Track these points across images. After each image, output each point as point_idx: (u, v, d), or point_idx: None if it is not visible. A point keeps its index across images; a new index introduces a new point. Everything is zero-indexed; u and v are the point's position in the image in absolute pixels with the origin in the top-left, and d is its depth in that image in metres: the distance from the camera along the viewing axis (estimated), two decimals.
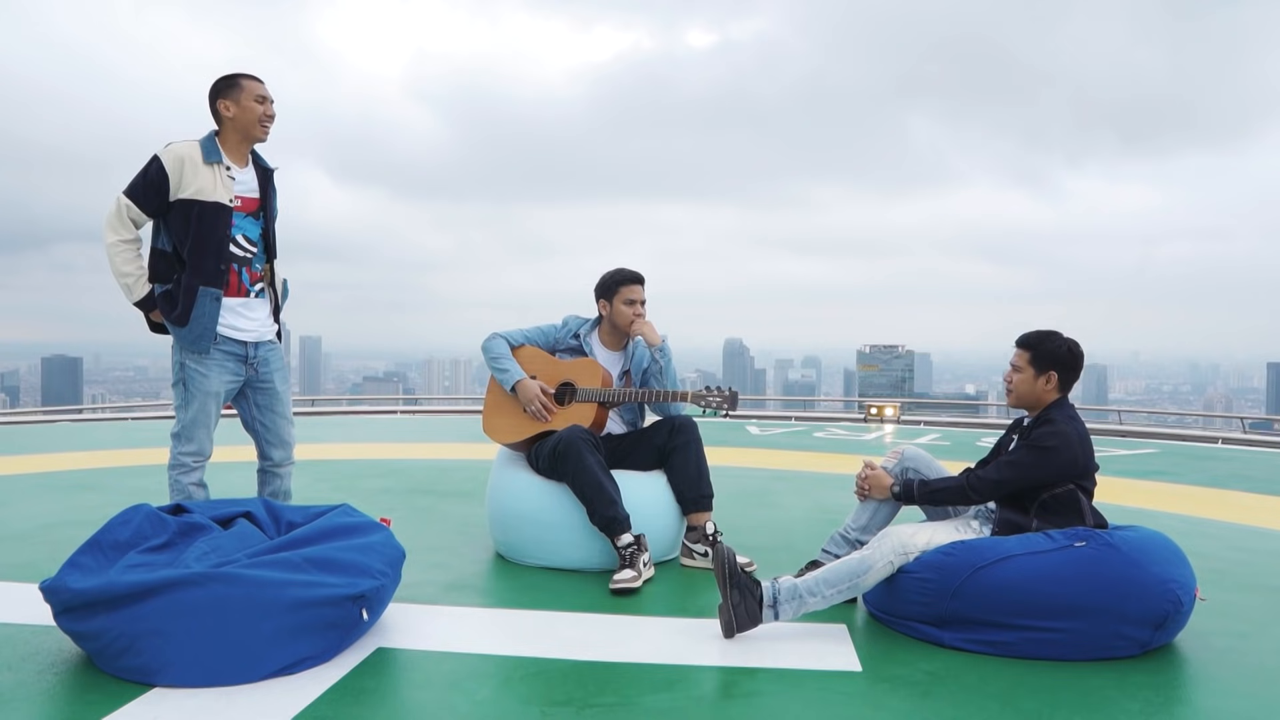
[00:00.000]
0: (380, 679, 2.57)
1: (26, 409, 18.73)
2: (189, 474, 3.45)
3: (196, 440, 3.44)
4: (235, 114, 3.41)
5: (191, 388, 3.41)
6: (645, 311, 4.07)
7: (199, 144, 3.39)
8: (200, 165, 3.34)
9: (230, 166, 3.44)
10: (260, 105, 3.43)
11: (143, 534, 2.78)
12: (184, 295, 3.35)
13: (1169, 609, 2.81)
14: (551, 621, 3.15)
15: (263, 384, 3.57)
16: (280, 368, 3.63)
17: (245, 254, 3.48)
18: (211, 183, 3.36)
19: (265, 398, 3.58)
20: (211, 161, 3.37)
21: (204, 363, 3.40)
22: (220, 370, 3.43)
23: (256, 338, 3.52)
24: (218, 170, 3.38)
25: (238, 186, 3.44)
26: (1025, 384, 3.20)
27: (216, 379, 3.43)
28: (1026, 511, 3.09)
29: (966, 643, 2.88)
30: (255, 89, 3.44)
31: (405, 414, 14.61)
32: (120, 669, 2.48)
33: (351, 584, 2.67)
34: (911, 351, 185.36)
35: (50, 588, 2.54)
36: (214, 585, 2.48)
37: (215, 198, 3.36)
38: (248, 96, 3.42)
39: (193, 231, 3.34)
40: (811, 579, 2.99)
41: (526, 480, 3.91)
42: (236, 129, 3.44)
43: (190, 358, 3.39)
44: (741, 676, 2.67)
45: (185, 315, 3.36)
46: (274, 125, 3.50)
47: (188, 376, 3.41)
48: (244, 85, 3.43)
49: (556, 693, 2.51)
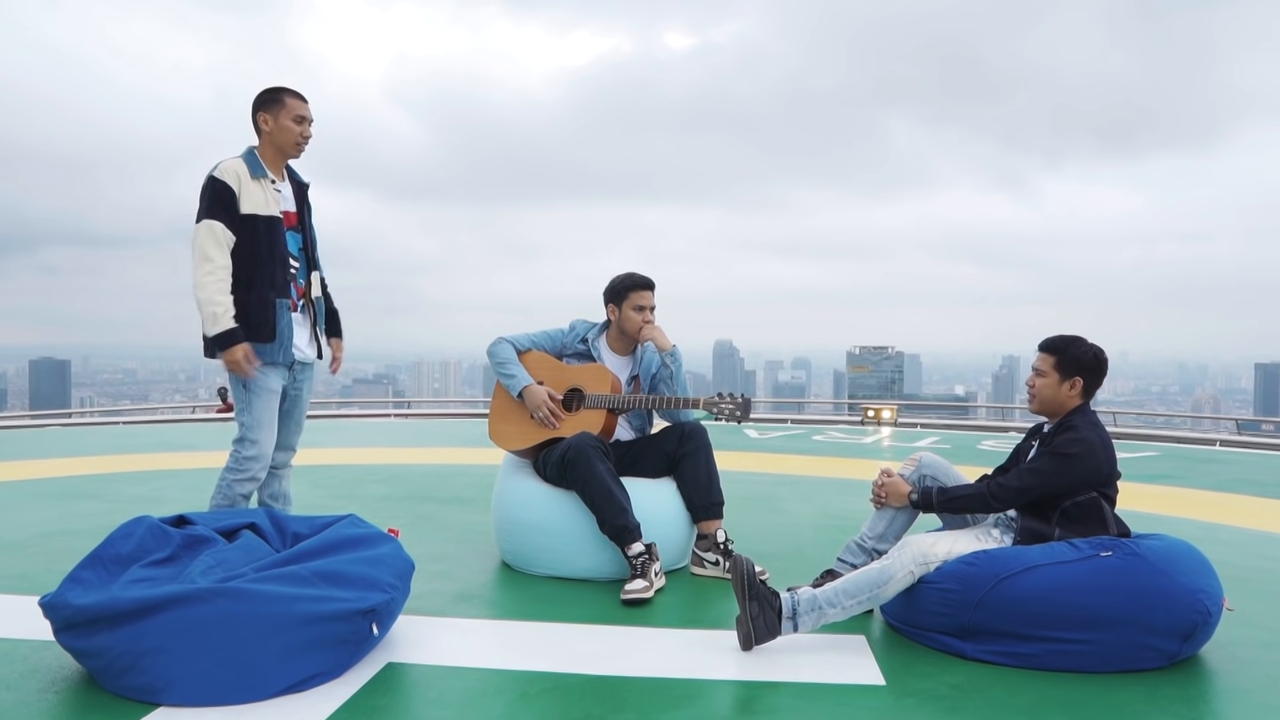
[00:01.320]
0: (393, 697, 2.50)
1: (14, 412, 18.55)
2: (247, 483, 3.42)
3: (261, 442, 3.42)
4: (273, 130, 3.42)
5: (253, 387, 3.39)
6: (654, 318, 4.00)
7: (243, 160, 3.39)
8: (250, 181, 3.35)
9: (274, 180, 3.45)
10: (298, 126, 3.44)
11: (145, 547, 2.70)
12: (261, 309, 3.35)
13: (1198, 620, 2.76)
14: (563, 634, 3.08)
15: (294, 392, 3.60)
16: (310, 380, 3.66)
17: (293, 269, 3.51)
18: (263, 197, 3.37)
19: (289, 404, 3.60)
20: (258, 177, 3.38)
21: (264, 365, 3.41)
22: (274, 370, 3.45)
23: (303, 358, 3.55)
24: (265, 185, 3.40)
25: (282, 201, 3.47)
26: (1049, 389, 3.14)
27: (275, 376, 3.45)
28: (1049, 520, 3.03)
29: (990, 655, 2.81)
30: (296, 108, 3.44)
31: (398, 417, 14.52)
32: (123, 688, 2.40)
33: (361, 598, 2.59)
34: (901, 353, 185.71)
35: (50, 604, 2.46)
36: (220, 601, 2.40)
37: (270, 211, 3.38)
38: (287, 115, 3.42)
39: (262, 246, 3.35)
40: (831, 590, 2.92)
41: (534, 488, 3.83)
42: (273, 144, 3.44)
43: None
44: (762, 691, 2.60)
45: (271, 330, 3.36)
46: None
47: (248, 379, 3.39)
48: (286, 103, 3.43)
49: (573, 710, 2.44)
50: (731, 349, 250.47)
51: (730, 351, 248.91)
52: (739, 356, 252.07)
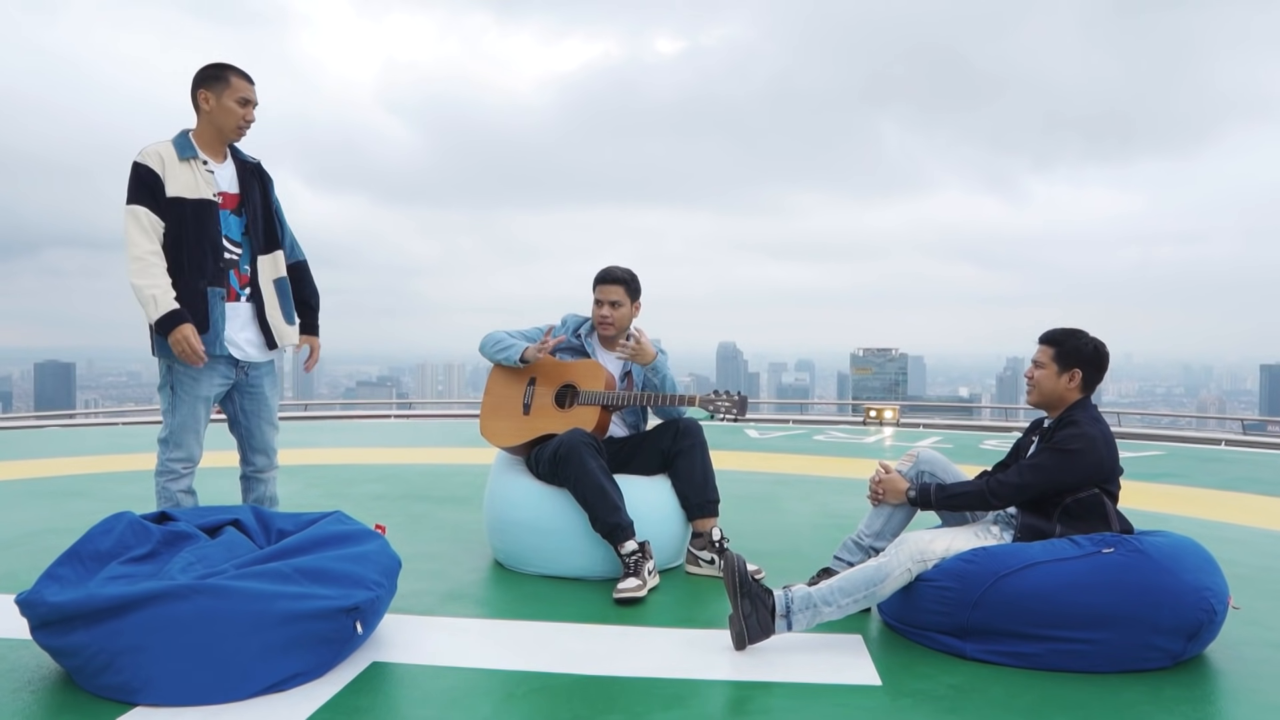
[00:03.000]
0: (375, 696, 2.43)
1: (19, 414, 18.53)
2: (177, 480, 3.29)
3: (185, 446, 3.28)
4: (213, 109, 3.25)
5: (180, 392, 3.24)
6: (616, 315, 3.87)
7: (171, 143, 3.24)
8: (177, 163, 3.19)
9: (207, 161, 3.28)
10: (241, 109, 3.26)
11: (125, 544, 2.64)
12: (191, 299, 3.17)
13: (1203, 618, 2.69)
14: (553, 633, 3.02)
15: (251, 388, 3.41)
16: (270, 374, 3.47)
17: (232, 255, 3.31)
18: (192, 179, 3.21)
19: (252, 403, 3.43)
20: (186, 158, 3.21)
21: (192, 367, 3.22)
22: (210, 374, 3.27)
23: (244, 356, 3.34)
24: (195, 166, 3.23)
25: (218, 182, 3.29)
26: (1048, 381, 3.07)
27: (206, 383, 3.26)
28: (1049, 516, 2.96)
29: (990, 654, 2.75)
30: (241, 89, 3.26)
31: (399, 418, 14.46)
32: (100, 687, 2.34)
33: (345, 595, 2.53)
34: (905, 354, 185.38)
35: (26, 600, 2.40)
36: (199, 598, 2.34)
37: (200, 194, 3.21)
38: (231, 95, 3.24)
39: (189, 231, 3.18)
40: (826, 588, 2.86)
41: (526, 486, 3.77)
42: (212, 124, 3.27)
43: (179, 361, 3.21)
44: (755, 691, 2.54)
45: (203, 320, 3.19)
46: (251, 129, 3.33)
47: (175, 380, 3.25)
48: (231, 82, 3.25)
49: (561, 710, 2.38)
50: (735, 351, 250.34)
51: (734, 353, 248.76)
52: (742, 358, 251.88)
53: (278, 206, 3.49)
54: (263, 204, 3.41)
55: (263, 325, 3.37)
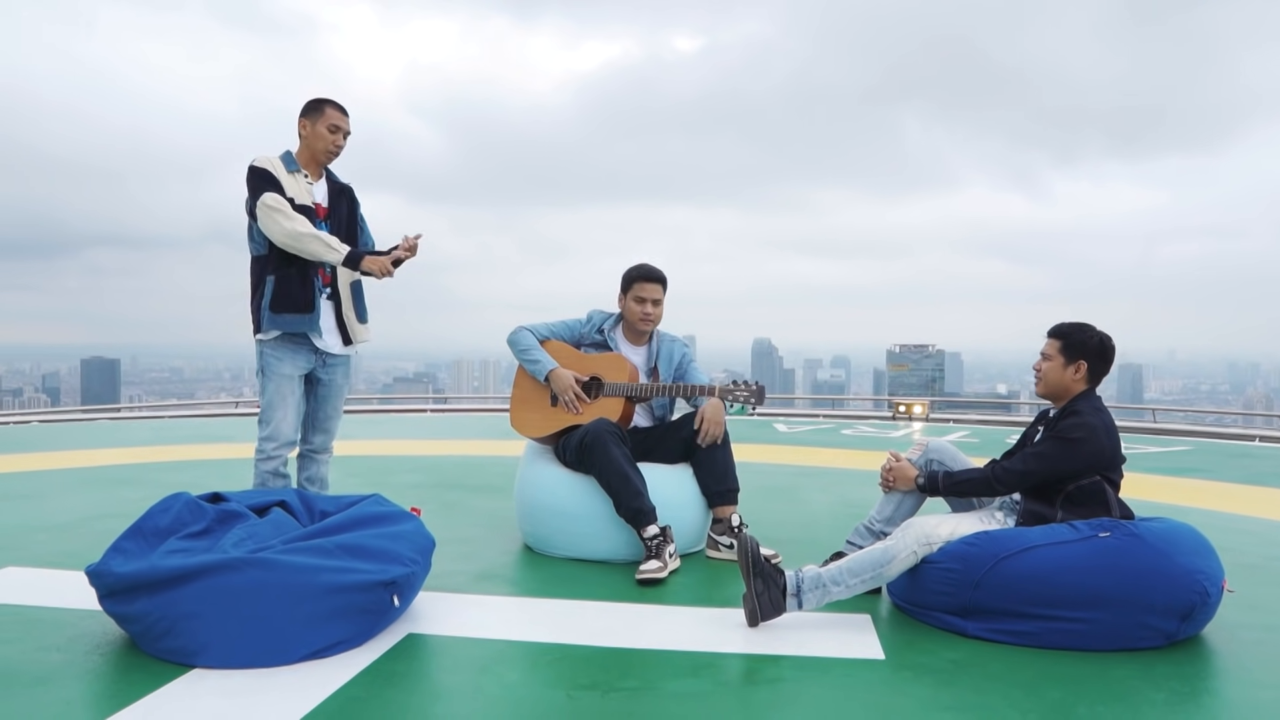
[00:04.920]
0: (411, 663, 2.63)
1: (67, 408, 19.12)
2: (268, 461, 3.65)
3: (273, 423, 3.64)
4: (309, 135, 3.67)
5: (269, 371, 3.63)
6: (656, 313, 4.06)
7: (278, 157, 3.63)
8: (284, 173, 3.58)
9: (307, 175, 3.68)
10: (331, 135, 3.67)
11: (182, 521, 2.86)
12: (302, 281, 3.57)
13: (1195, 600, 2.81)
14: (578, 610, 3.20)
15: (328, 376, 3.80)
16: (345, 366, 3.86)
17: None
18: (297, 187, 3.60)
19: (325, 389, 3.81)
20: (292, 171, 3.62)
21: (279, 349, 3.62)
22: (294, 354, 3.65)
23: (325, 346, 3.71)
24: (298, 178, 3.63)
25: (314, 194, 3.68)
26: (1054, 372, 3.20)
27: (290, 362, 3.65)
28: (1052, 503, 3.09)
29: (990, 633, 2.89)
30: (333, 118, 3.68)
31: (435, 412, 14.74)
32: (161, 650, 2.56)
33: (383, 570, 2.73)
34: (942, 351, 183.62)
35: (95, 571, 2.63)
36: (250, 570, 2.55)
37: (303, 200, 3.60)
38: (324, 122, 3.66)
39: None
40: (835, 568, 3.01)
41: (554, 473, 3.96)
42: (308, 148, 3.68)
43: (269, 345, 3.62)
44: (765, 663, 2.70)
45: (310, 301, 3.59)
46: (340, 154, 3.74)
47: (265, 362, 3.64)
48: (325, 112, 3.67)
49: (581, 677, 2.56)
50: (770, 347, 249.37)
51: (769, 350, 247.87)
52: (777, 355, 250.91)
53: (363, 222, 3.89)
54: (348, 219, 3.80)
55: (340, 323, 3.75)
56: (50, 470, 6.49)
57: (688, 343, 4.15)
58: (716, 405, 3.87)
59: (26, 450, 7.87)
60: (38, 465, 6.78)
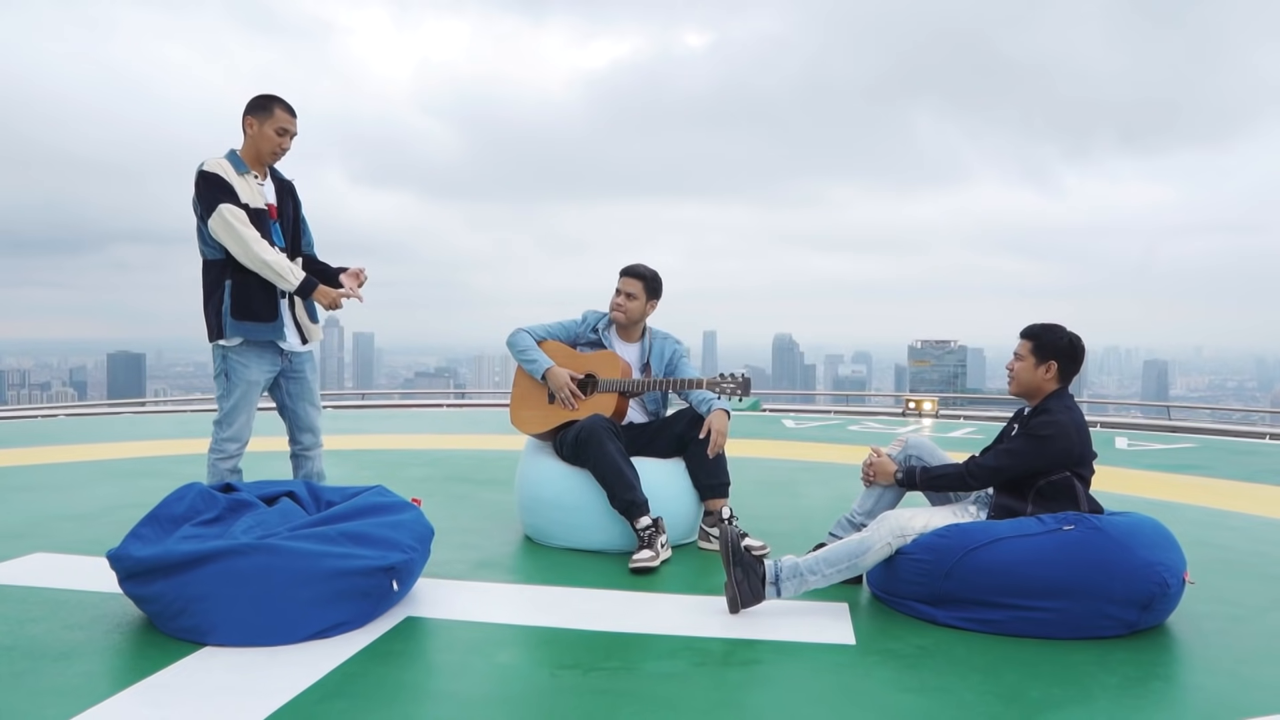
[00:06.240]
0: (408, 643, 2.81)
1: (94, 402, 19.47)
2: (226, 460, 3.67)
3: (235, 426, 3.67)
4: (255, 135, 3.62)
5: (234, 377, 3.64)
6: (629, 305, 4.21)
7: (225, 159, 3.61)
8: (235, 175, 3.58)
9: (256, 175, 3.67)
10: (279, 138, 3.62)
11: (195, 509, 3.06)
12: (263, 290, 3.58)
13: (1155, 591, 2.94)
14: (570, 596, 3.37)
15: (296, 374, 3.82)
16: (310, 360, 3.90)
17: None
18: (248, 190, 3.60)
19: (297, 386, 3.83)
20: (242, 173, 3.61)
21: (245, 354, 3.63)
22: (260, 360, 3.67)
23: (288, 347, 3.74)
24: (249, 179, 3.63)
25: (265, 194, 3.68)
26: (1026, 372, 3.33)
27: (256, 368, 3.66)
28: (1024, 498, 3.22)
29: (960, 620, 3.03)
30: (281, 120, 3.62)
31: (452, 407, 14.96)
32: (176, 629, 2.75)
33: (383, 556, 2.91)
34: (964, 347, 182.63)
35: (116, 555, 2.82)
36: (258, 555, 2.74)
37: (257, 204, 3.61)
38: (272, 125, 3.61)
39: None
40: (812, 558, 3.16)
41: (552, 467, 4.13)
42: (253, 147, 3.64)
43: (233, 350, 3.62)
44: (741, 647, 2.85)
45: (273, 309, 3.61)
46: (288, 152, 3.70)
47: (230, 367, 3.64)
48: (274, 113, 3.62)
49: (565, 657, 2.73)
50: (791, 343, 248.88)
51: (790, 345, 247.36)
52: (798, 350, 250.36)
53: (304, 222, 3.89)
54: (293, 216, 3.83)
55: (296, 322, 3.77)
56: (76, 462, 6.74)
57: (679, 341, 4.32)
58: (722, 416, 4.01)
59: (54, 443, 8.15)
60: (64, 458, 7.04)
